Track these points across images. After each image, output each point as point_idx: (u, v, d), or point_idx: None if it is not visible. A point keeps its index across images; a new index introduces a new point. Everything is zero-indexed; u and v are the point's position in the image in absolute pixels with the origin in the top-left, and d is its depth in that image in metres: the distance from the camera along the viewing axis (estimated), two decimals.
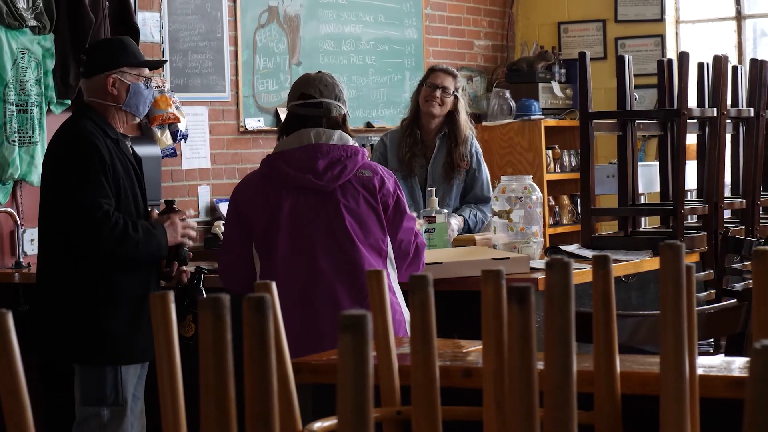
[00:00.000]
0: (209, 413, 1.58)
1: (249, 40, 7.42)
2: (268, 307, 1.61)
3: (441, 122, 5.87)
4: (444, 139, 5.83)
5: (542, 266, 4.87)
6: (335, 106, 4.23)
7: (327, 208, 4.16)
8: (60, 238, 4.30)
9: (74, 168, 4.25)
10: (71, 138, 4.32)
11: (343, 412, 1.46)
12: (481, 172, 5.89)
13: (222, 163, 7.25)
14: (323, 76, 4.31)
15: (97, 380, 4.34)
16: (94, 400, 4.34)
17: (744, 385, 2.30)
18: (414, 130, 5.87)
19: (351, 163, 4.16)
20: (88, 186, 4.21)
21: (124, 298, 4.31)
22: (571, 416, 1.75)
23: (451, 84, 5.85)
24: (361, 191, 4.18)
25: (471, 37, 9.25)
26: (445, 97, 5.83)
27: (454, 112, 5.86)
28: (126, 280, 4.32)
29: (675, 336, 1.90)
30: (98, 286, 4.29)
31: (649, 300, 5.36)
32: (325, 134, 4.18)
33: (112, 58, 4.42)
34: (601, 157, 8.60)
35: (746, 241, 5.29)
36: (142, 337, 4.32)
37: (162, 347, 1.81)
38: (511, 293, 1.71)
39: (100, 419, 4.35)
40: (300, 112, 4.24)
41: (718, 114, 5.80)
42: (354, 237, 4.14)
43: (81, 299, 4.29)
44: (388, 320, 2.20)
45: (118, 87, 4.39)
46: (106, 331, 4.29)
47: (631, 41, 9.31)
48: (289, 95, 4.35)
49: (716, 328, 3.68)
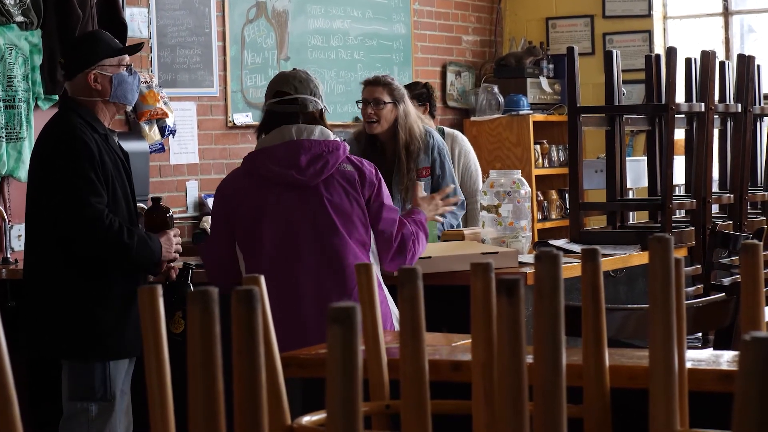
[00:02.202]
0: (197, 407, 1.58)
1: (237, 35, 7.41)
2: (257, 300, 1.61)
3: (391, 132, 5.53)
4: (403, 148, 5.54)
5: (531, 261, 4.87)
6: (311, 101, 4.24)
7: (310, 203, 4.16)
8: (49, 235, 4.27)
9: (64, 165, 4.22)
10: (60, 134, 4.29)
11: (332, 406, 1.46)
12: (445, 177, 5.59)
13: (210, 158, 7.24)
14: (297, 73, 4.32)
15: (86, 375, 4.32)
16: (83, 395, 4.32)
17: (732, 379, 2.30)
18: (373, 144, 5.57)
19: (333, 158, 4.17)
20: (79, 184, 4.19)
21: (114, 295, 4.30)
22: (560, 410, 1.75)
23: (383, 94, 5.49)
24: (343, 185, 4.19)
25: (459, 33, 9.25)
26: (380, 110, 5.48)
27: (396, 123, 5.51)
28: (115, 276, 4.30)
29: (664, 328, 1.90)
30: (87, 282, 4.27)
31: (637, 294, 5.37)
32: (306, 130, 4.19)
33: (88, 54, 4.39)
34: (590, 152, 8.62)
35: (734, 236, 5.30)
36: (130, 332, 4.31)
37: (150, 341, 1.81)
38: (501, 286, 1.71)
39: (89, 414, 4.33)
40: (277, 109, 4.25)
41: (705, 109, 5.80)
42: (338, 231, 4.15)
43: (70, 295, 4.28)
44: (376, 314, 2.19)
45: (101, 81, 4.37)
46: (95, 326, 4.28)
47: (618, 37, 9.32)
48: (265, 94, 4.35)
49: (704, 322, 3.68)
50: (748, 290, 2.13)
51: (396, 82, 5.65)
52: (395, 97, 5.52)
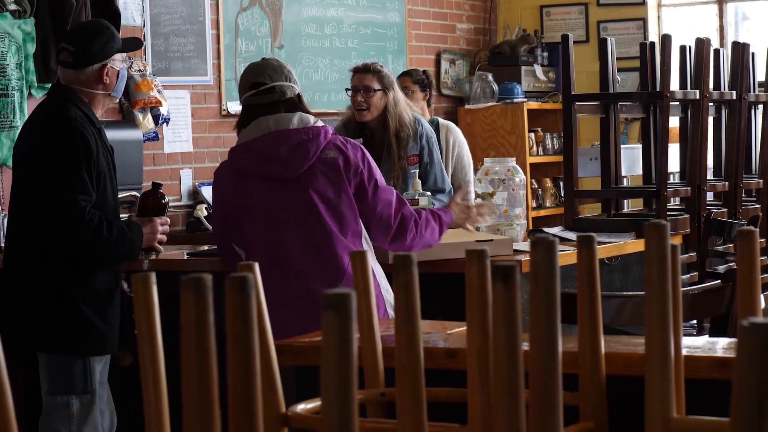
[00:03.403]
0: (191, 395, 1.57)
1: (231, 23, 7.39)
2: (251, 287, 1.60)
3: (381, 119, 5.51)
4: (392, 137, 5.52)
5: (526, 248, 4.86)
6: (288, 87, 4.18)
7: (295, 195, 4.11)
8: (33, 227, 4.23)
9: (59, 158, 4.15)
10: (60, 126, 4.20)
11: (327, 393, 1.45)
12: (433, 165, 5.58)
13: (204, 146, 7.23)
14: (268, 61, 4.25)
15: (66, 369, 4.27)
16: (63, 389, 4.26)
17: (728, 366, 2.30)
18: (362, 132, 5.53)
19: (314, 146, 4.09)
20: (70, 180, 4.13)
21: (96, 289, 4.25)
22: (557, 397, 1.74)
23: (373, 81, 5.47)
24: (327, 173, 4.12)
25: (453, 21, 9.23)
26: (370, 98, 5.46)
27: (386, 111, 5.48)
28: (98, 271, 4.26)
29: (660, 315, 1.90)
30: (70, 275, 4.23)
31: (632, 282, 5.37)
32: (284, 119, 4.12)
33: (106, 47, 4.33)
34: (584, 140, 8.60)
35: (729, 224, 5.30)
36: (110, 328, 4.28)
37: (144, 330, 1.80)
38: (497, 272, 1.71)
39: (70, 409, 4.28)
40: (255, 101, 4.17)
41: (700, 97, 5.80)
42: (325, 222, 4.10)
43: (52, 287, 4.23)
44: (371, 302, 2.19)
45: (111, 75, 4.33)
46: (77, 320, 4.23)
47: (613, 24, 9.31)
48: (239, 89, 4.27)
49: (700, 310, 3.68)
50: (744, 276, 2.13)
51: (386, 69, 5.62)
52: (385, 85, 5.49)
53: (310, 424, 2.10)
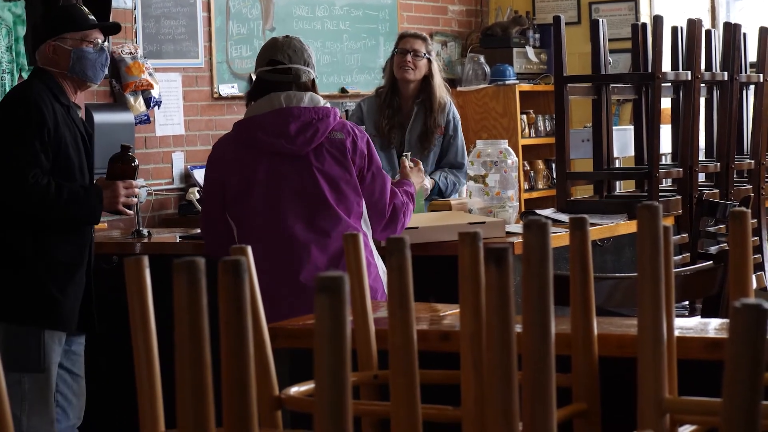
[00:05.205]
0: (184, 379, 1.57)
1: (222, 5, 7.37)
2: (244, 270, 1.60)
3: (417, 88, 5.80)
4: (421, 105, 5.79)
5: (518, 230, 4.87)
6: (304, 71, 4.22)
7: (301, 172, 4.15)
8: None
9: (8, 128, 4.19)
10: (16, 99, 4.28)
11: (320, 376, 1.45)
12: (456, 139, 5.82)
13: (196, 129, 7.21)
14: (291, 41, 4.28)
15: (19, 341, 4.18)
16: (14, 365, 4.12)
17: (720, 347, 2.30)
18: (392, 100, 5.82)
19: (323, 126, 4.15)
20: (18, 153, 4.13)
21: (57, 262, 4.22)
22: (549, 379, 1.75)
23: (422, 47, 5.79)
24: (334, 154, 4.17)
25: (445, 2, 9.21)
26: (417, 60, 5.76)
27: (429, 76, 5.79)
28: (60, 243, 4.23)
29: (652, 296, 1.90)
30: (31, 245, 4.20)
31: (624, 264, 5.37)
32: (295, 97, 4.17)
33: (51, 25, 4.38)
34: (576, 122, 8.60)
35: (721, 205, 5.30)
36: (68, 303, 4.22)
37: (137, 315, 1.80)
38: (489, 255, 1.71)
39: (21, 388, 4.18)
40: (269, 78, 4.22)
41: (692, 78, 5.80)
42: (328, 199, 4.14)
43: (11, 257, 4.20)
44: (364, 284, 2.19)
45: (59, 53, 4.32)
46: (31, 288, 4.18)
47: (605, 6, 9.29)
48: (257, 61, 4.31)
49: (692, 290, 3.69)
50: (736, 257, 2.13)
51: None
52: (430, 54, 5.84)
53: (303, 406, 2.10)
